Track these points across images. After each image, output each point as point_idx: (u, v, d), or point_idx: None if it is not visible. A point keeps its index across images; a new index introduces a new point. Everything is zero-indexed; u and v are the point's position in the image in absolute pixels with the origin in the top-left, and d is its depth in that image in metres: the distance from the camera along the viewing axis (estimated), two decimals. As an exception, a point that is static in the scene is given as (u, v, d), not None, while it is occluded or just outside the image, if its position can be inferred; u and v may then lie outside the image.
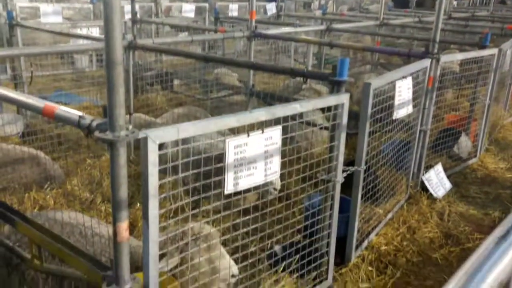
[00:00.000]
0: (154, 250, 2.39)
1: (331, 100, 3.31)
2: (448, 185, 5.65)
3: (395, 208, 4.98)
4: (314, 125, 5.07)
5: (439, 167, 5.70)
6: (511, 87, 8.53)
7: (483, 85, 6.43)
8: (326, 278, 3.75)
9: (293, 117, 3.13)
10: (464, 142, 6.45)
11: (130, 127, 2.12)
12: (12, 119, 6.33)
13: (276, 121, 2.91)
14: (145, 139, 2.22)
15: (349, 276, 3.90)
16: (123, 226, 2.19)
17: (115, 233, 2.19)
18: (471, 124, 6.69)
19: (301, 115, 3.13)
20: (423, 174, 5.48)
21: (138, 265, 2.69)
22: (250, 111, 2.76)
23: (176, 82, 7.97)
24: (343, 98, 3.34)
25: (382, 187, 4.61)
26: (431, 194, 5.37)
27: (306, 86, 7.43)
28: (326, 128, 4.96)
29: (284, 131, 2.94)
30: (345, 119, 3.39)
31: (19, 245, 3.22)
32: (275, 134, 2.86)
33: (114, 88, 2.01)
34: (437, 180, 5.55)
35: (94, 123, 2.13)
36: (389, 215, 4.82)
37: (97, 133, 2.09)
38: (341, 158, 3.48)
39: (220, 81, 7.80)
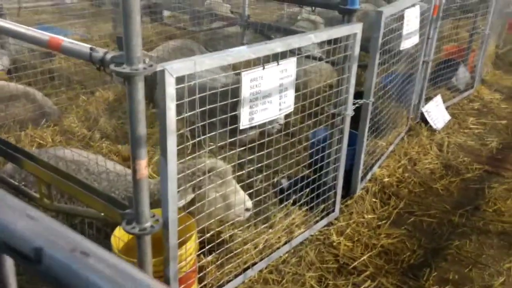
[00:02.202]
0: (173, 187, 2.33)
1: (344, 30, 3.17)
2: (447, 116, 5.65)
3: (396, 140, 4.98)
4: (317, 58, 4.94)
5: (438, 99, 5.67)
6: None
7: (483, 14, 6.29)
8: (333, 211, 3.79)
9: (292, 51, 2.94)
10: (462, 74, 6.39)
11: (147, 60, 1.99)
12: (-4, 54, 6.02)
13: (274, 57, 2.71)
14: (162, 72, 2.10)
15: (355, 207, 3.95)
16: (143, 163, 2.11)
17: (134, 171, 2.12)
18: (469, 55, 6.61)
19: (299, 49, 2.95)
20: (423, 106, 5.45)
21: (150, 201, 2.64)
22: (266, 42, 2.61)
23: (166, 13, 7.61)
24: (356, 28, 3.21)
25: (386, 120, 4.58)
26: (430, 126, 5.38)
27: (301, 17, 7.18)
28: (326, 61, 4.83)
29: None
30: (357, 50, 3.28)
31: (24, 184, 3.15)
32: (290, 66, 2.75)
33: (130, 15, 1.85)
34: (437, 112, 5.54)
35: (108, 56, 1.98)
36: (391, 147, 4.83)
37: (112, 67, 1.95)
38: (351, 91, 3.40)
39: (213, 12, 7.47)
